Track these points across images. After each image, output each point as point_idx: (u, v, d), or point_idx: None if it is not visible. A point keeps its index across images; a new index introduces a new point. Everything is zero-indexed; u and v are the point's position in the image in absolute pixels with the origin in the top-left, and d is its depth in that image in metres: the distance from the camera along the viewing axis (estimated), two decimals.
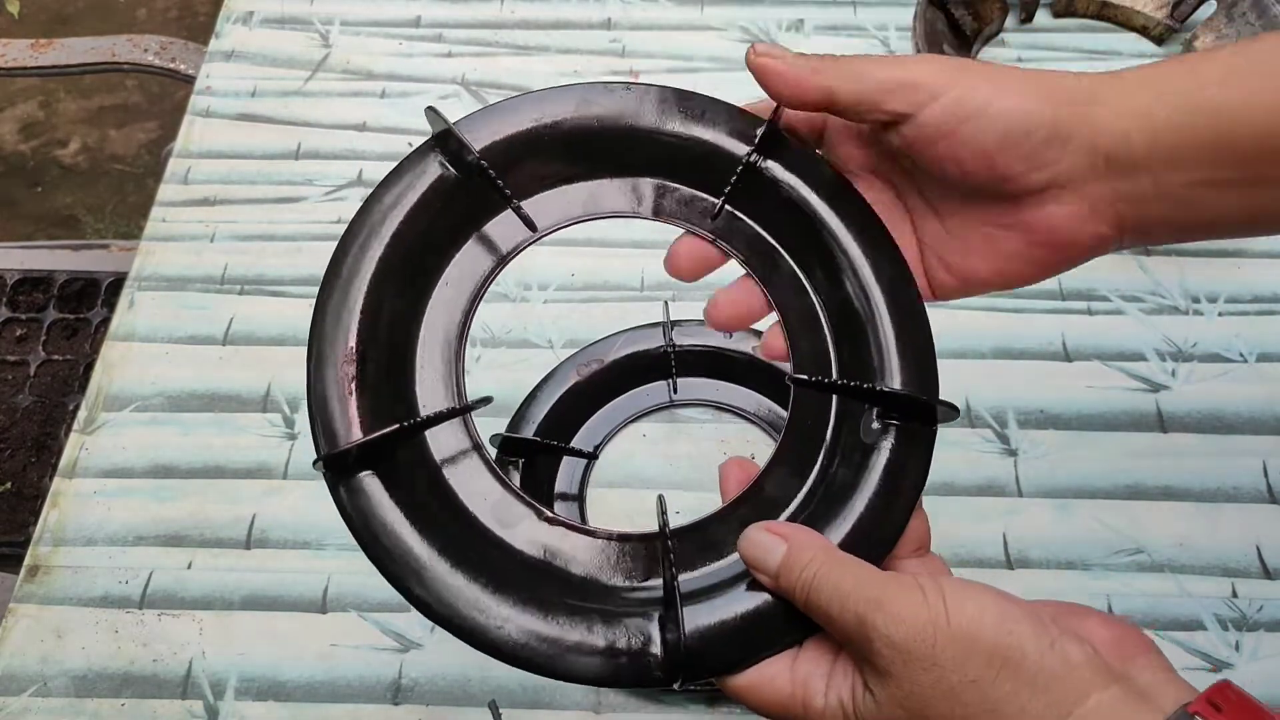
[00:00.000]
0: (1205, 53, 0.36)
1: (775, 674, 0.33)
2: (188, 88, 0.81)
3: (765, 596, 0.33)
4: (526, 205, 0.38)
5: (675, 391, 0.63)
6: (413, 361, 0.36)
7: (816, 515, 0.35)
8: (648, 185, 0.39)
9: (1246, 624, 0.55)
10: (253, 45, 0.81)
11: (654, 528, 0.35)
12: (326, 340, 0.34)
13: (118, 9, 1.88)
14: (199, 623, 0.56)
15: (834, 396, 0.38)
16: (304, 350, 0.66)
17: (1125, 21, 0.82)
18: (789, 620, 0.33)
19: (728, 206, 0.39)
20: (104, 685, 0.54)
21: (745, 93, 0.84)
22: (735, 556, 0.35)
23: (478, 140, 0.37)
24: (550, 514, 0.35)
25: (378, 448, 0.33)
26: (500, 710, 0.53)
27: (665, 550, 0.34)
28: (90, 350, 0.87)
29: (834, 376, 0.38)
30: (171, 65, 0.89)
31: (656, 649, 0.32)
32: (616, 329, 0.63)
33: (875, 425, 0.36)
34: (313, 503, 0.60)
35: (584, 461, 0.61)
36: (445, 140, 0.36)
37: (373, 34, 0.82)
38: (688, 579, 0.34)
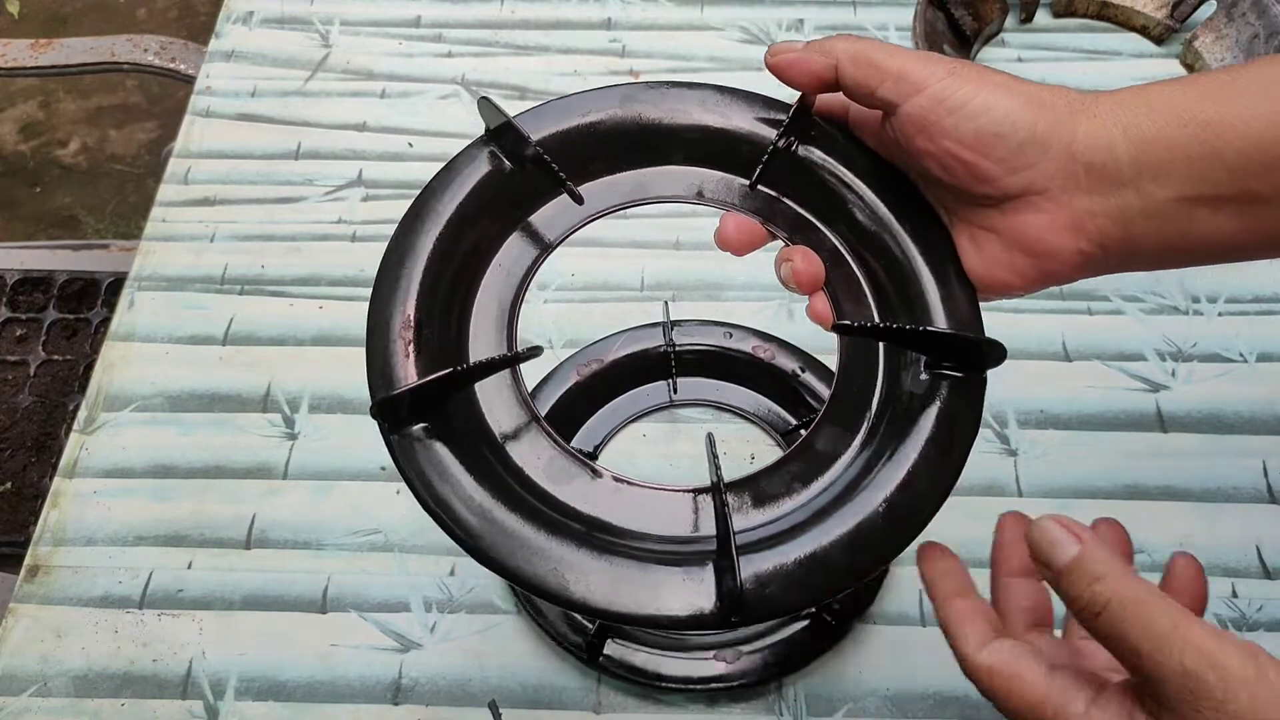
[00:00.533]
0: (1200, 74, 0.36)
1: (1027, 670, 0.32)
2: (188, 88, 0.81)
3: (820, 541, 0.33)
4: (577, 191, 0.40)
5: (675, 391, 0.63)
6: (466, 333, 0.37)
7: (868, 466, 0.36)
8: (691, 173, 0.41)
9: (1246, 624, 0.55)
10: (253, 45, 0.81)
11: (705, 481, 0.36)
12: (386, 311, 0.36)
13: (118, 9, 1.88)
14: (199, 623, 0.56)
15: (880, 350, 0.38)
16: (304, 350, 0.67)
17: (1125, 21, 0.82)
18: (847, 565, 0.33)
19: (764, 188, 0.41)
20: (104, 685, 0.54)
21: None
22: (789, 508, 0.35)
23: (532, 134, 0.39)
24: (600, 470, 0.36)
25: (430, 395, 0.34)
26: (500, 710, 0.53)
27: (719, 498, 0.34)
28: (90, 350, 0.87)
29: (876, 322, 0.39)
30: (171, 65, 0.89)
31: (711, 591, 0.32)
32: (616, 329, 0.63)
33: (924, 376, 0.37)
34: (313, 503, 0.60)
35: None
36: (501, 134, 0.39)
37: (373, 34, 0.82)
38: (742, 529, 0.35)
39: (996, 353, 0.36)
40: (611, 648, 0.53)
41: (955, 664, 0.35)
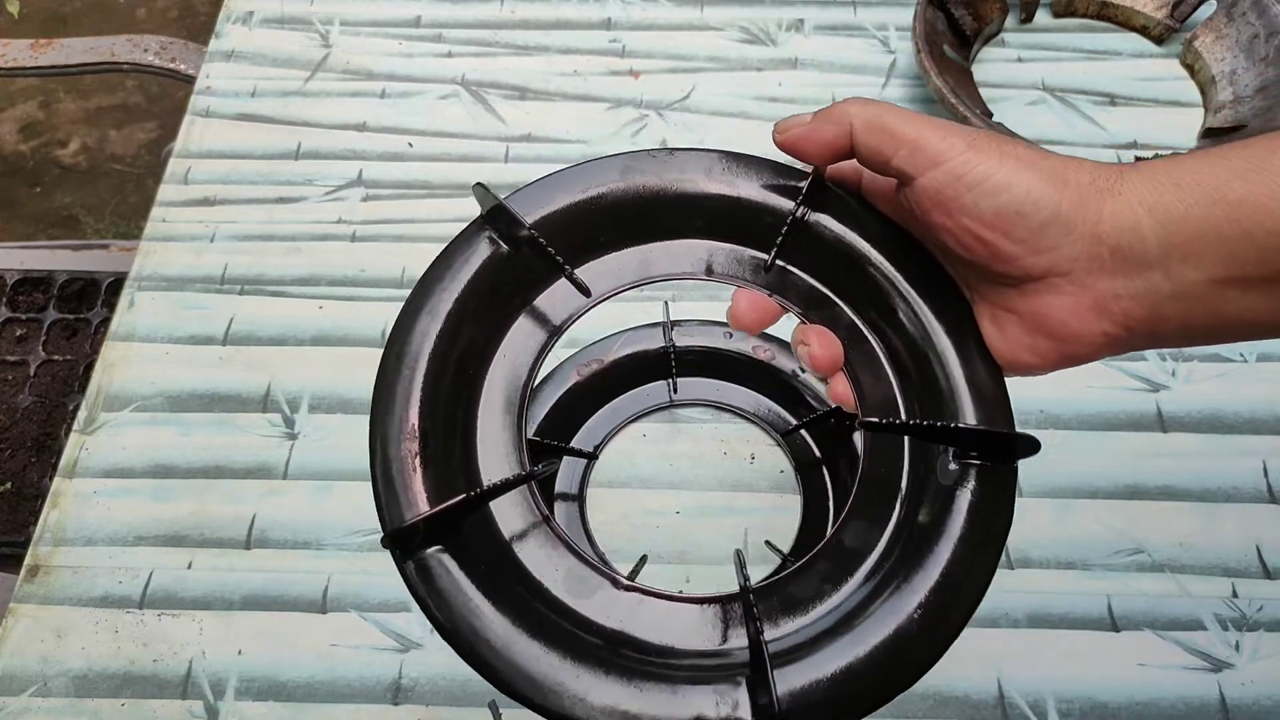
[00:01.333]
0: (1229, 146, 0.34)
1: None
2: (188, 88, 0.81)
3: (857, 652, 0.32)
4: (579, 273, 0.38)
5: (675, 391, 0.63)
6: (474, 435, 0.36)
7: (900, 564, 0.34)
8: (699, 246, 0.39)
9: (1246, 624, 0.55)
10: (253, 45, 0.81)
11: (717, 584, 0.35)
12: (389, 419, 0.34)
13: (117, 9, 1.88)
14: (199, 623, 0.56)
15: (906, 441, 0.37)
16: (304, 350, 0.67)
17: (1125, 21, 0.82)
18: (886, 676, 0.32)
19: (778, 261, 0.39)
20: (104, 685, 0.54)
21: (745, 92, 0.84)
22: (819, 613, 0.34)
23: (528, 214, 0.37)
24: (625, 581, 0.34)
25: (444, 522, 0.33)
26: (500, 710, 0.53)
27: (749, 609, 0.33)
28: (90, 350, 0.87)
29: (904, 418, 0.37)
30: (171, 65, 0.89)
31: (746, 714, 0.31)
32: (616, 329, 0.63)
33: (953, 466, 0.35)
34: (313, 503, 0.60)
35: (584, 461, 0.61)
36: (495, 216, 0.37)
37: (373, 34, 0.82)
38: (773, 638, 0.33)
39: (1027, 446, 0.34)
40: None
41: (955, 664, 0.34)
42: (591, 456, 0.61)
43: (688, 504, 0.59)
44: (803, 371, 0.61)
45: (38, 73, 0.91)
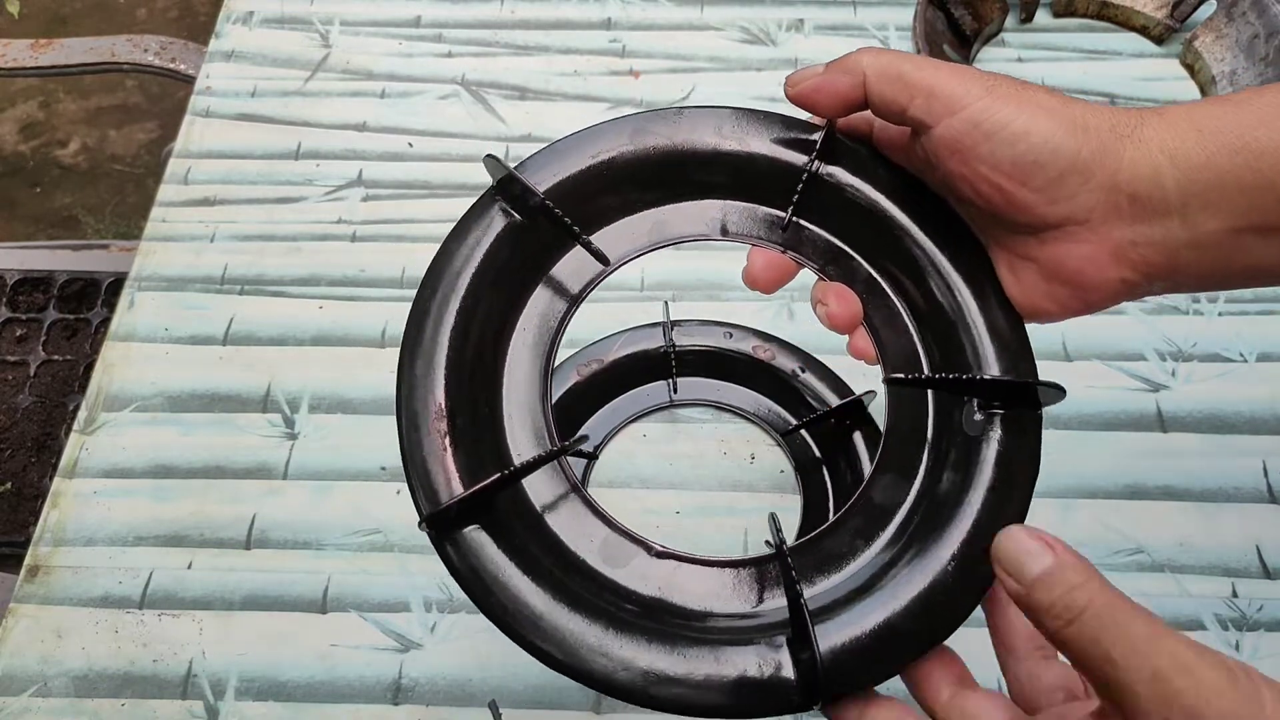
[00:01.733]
0: (1253, 91, 0.33)
1: (991, 708, 0.31)
2: (188, 88, 0.81)
3: (894, 607, 0.32)
4: (594, 239, 0.38)
5: (675, 391, 0.63)
6: (500, 411, 0.36)
7: (931, 517, 0.34)
8: (712, 206, 0.38)
9: (1246, 624, 0.55)
10: (253, 45, 0.81)
11: (744, 550, 0.35)
12: (416, 401, 0.34)
13: (118, 9, 1.88)
14: (199, 623, 0.56)
15: (929, 393, 0.37)
16: (304, 350, 0.67)
17: (1125, 21, 0.82)
18: (923, 628, 0.32)
19: (794, 218, 0.38)
20: (104, 685, 0.54)
21: (745, 92, 0.84)
22: (854, 569, 0.34)
23: (540, 183, 0.37)
24: (660, 547, 0.34)
25: (478, 500, 0.33)
26: (500, 710, 0.53)
27: (787, 570, 0.33)
28: (90, 350, 0.88)
29: (926, 372, 0.37)
30: (171, 65, 0.89)
31: (789, 672, 0.31)
32: (616, 329, 0.63)
33: (978, 416, 0.35)
34: (313, 503, 0.60)
35: (584, 461, 0.61)
36: (507, 186, 0.37)
37: (373, 34, 0.82)
38: (810, 595, 0.33)
39: (1053, 394, 0.34)
40: None
41: None
42: (591, 457, 0.61)
43: (688, 504, 0.59)
44: (803, 371, 0.61)
45: (38, 73, 0.91)
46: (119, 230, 1.61)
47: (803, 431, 0.60)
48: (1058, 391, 0.34)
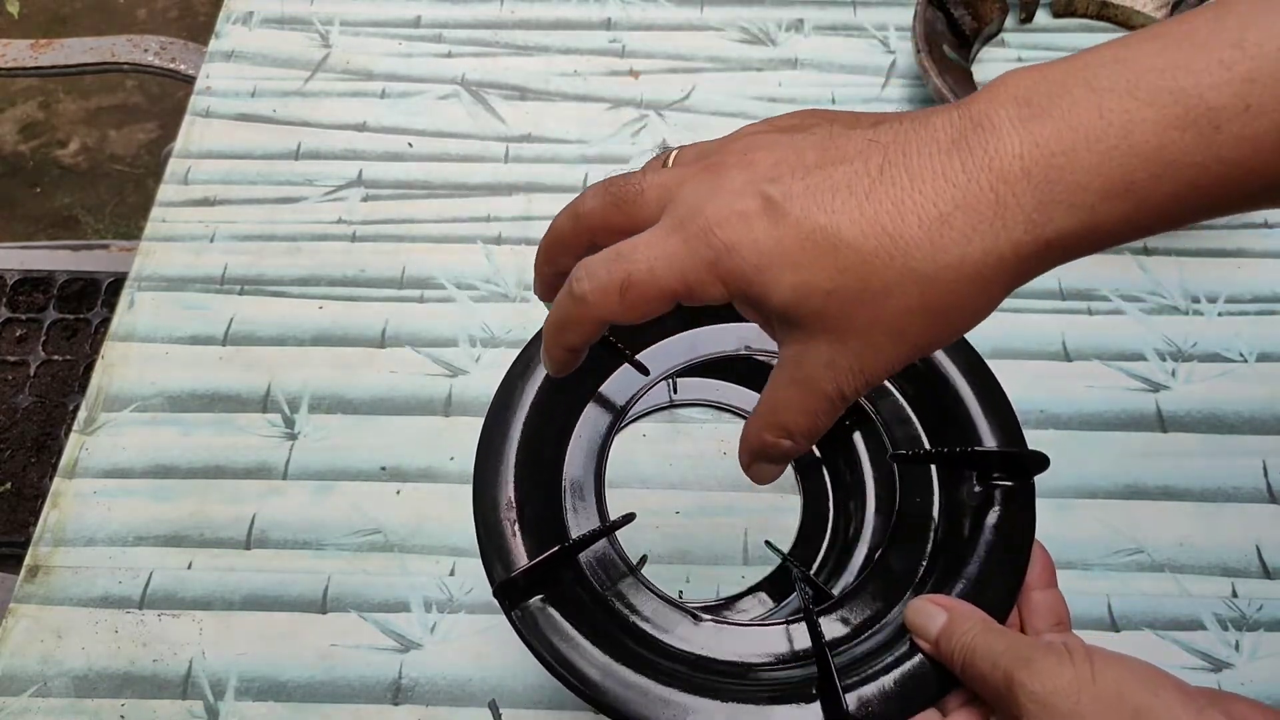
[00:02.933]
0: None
1: None
2: (188, 88, 0.81)
3: (914, 660, 0.36)
4: (639, 357, 0.44)
5: (675, 391, 0.63)
6: (562, 504, 0.42)
7: (941, 580, 0.39)
8: (736, 328, 0.46)
9: (1246, 624, 0.55)
10: (253, 45, 0.81)
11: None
12: (489, 497, 0.40)
13: (118, 9, 1.88)
14: (199, 623, 0.56)
15: (933, 469, 0.42)
16: (304, 350, 0.67)
17: (1125, 22, 0.82)
18: (938, 674, 0.36)
19: None
20: (104, 685, 0.54)
21: (745, 92, 0.84)
22: (876, 628, 0.38)
23: None
24: (702, 614, 0.39)
25: (543, 573, 0.38)
26: (500, 710, 0.53)
27: (815, 633, 0.37)
28: (90, 350, 0.88)
29: (927, 448, 0.43)
30: (171, 65, 0.89)
31: (818, 713, 0.35)
32: None
33: (977, 489, 0.40)
34: (313, 503, 0.60)
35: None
36: None
37: (373, 34, 0.82)
38: (835, 652, 0.38)
39: (1038, 463, 0.40)
40: None
41: None
42: None
43: (687, 504, 0.59)
44: None
45: (38, 73, 0.91)
46: (119, 230, 1.61)
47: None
48: (1043, 461, 0.40)
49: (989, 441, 0.41)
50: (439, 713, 0.53)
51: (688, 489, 0.60)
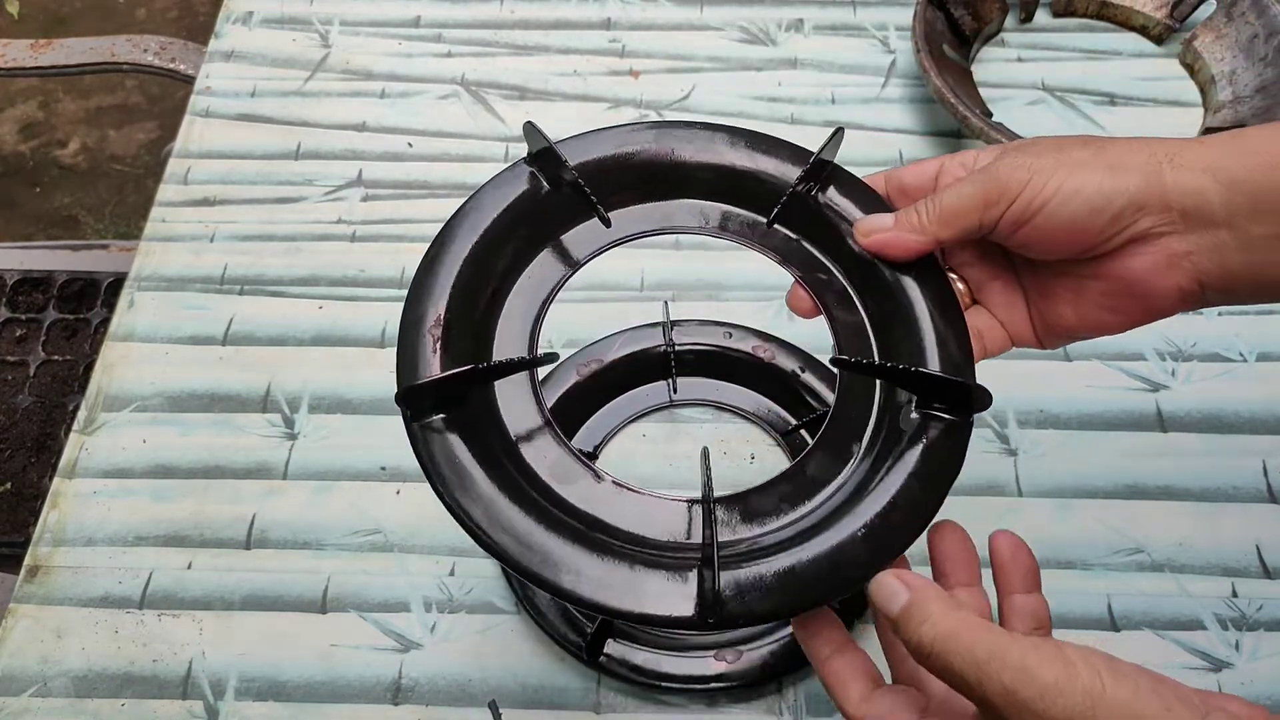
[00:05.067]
0: None
1: (896, 715, 0.33)
2: (188, 88, 0.81)
3: (800, 557, 0.35)
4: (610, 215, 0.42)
5: (675, 391, 0.63)
6: (491, 336, 0.40)
7: (855, 491, 0.38)
8: (713, 208, 0.43)
9: (1246, 624, 0.55)
10: (252, 45, 0.81)
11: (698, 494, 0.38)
12: (418, 309, 0.38)
13: (117, 9, 1.88)
14: (199, 623, 0.56)
15: (877, 386, 0.41)
16: (303, 350, 0.67)
17: (1125, 21, 0.82)
18: (822, 581, 0.35)
19: (782, 228, 0.43)
20: (104, 685, 0.54)
21: (745, 92, 0.84)
22: (774, 525, 0.38)
23: (570, 159, 0.41)
24: (604, 474, 0.38)
25: (452, 391, 0.36)
26: (500, 710, 0.53)
27: (708, 511, 0.37)
28: (90, 350, 0.87)
29: (875, 359, 0.41)
30: (171, 65, 0.89)
31: (692, 591, 0.34)
32: (616, 329, 0.63)
33: (915, 415, 0.39)
34: (313, 503, 0.60)
35: None
36: (542, 156, 0.41)
37: (372, 34, 0.82)
38: (728, 541, 0.37)
39: (982, 399, 0.38)
40: (611, 647, 0.53)
41: None
42: (591, 456, 0.61)
43: None
44: (803, 371, 0.61)
45: (38, 73, 0.91)
46: (119, 230, 1.61)
47: (803, 431, 0.60)
48: (985, 397, 0.38)
49: (935, 366, 0.40)
50: (439, 713, 0.53)
51: (687, 489, 0.60)
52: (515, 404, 0.39)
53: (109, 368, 0.65)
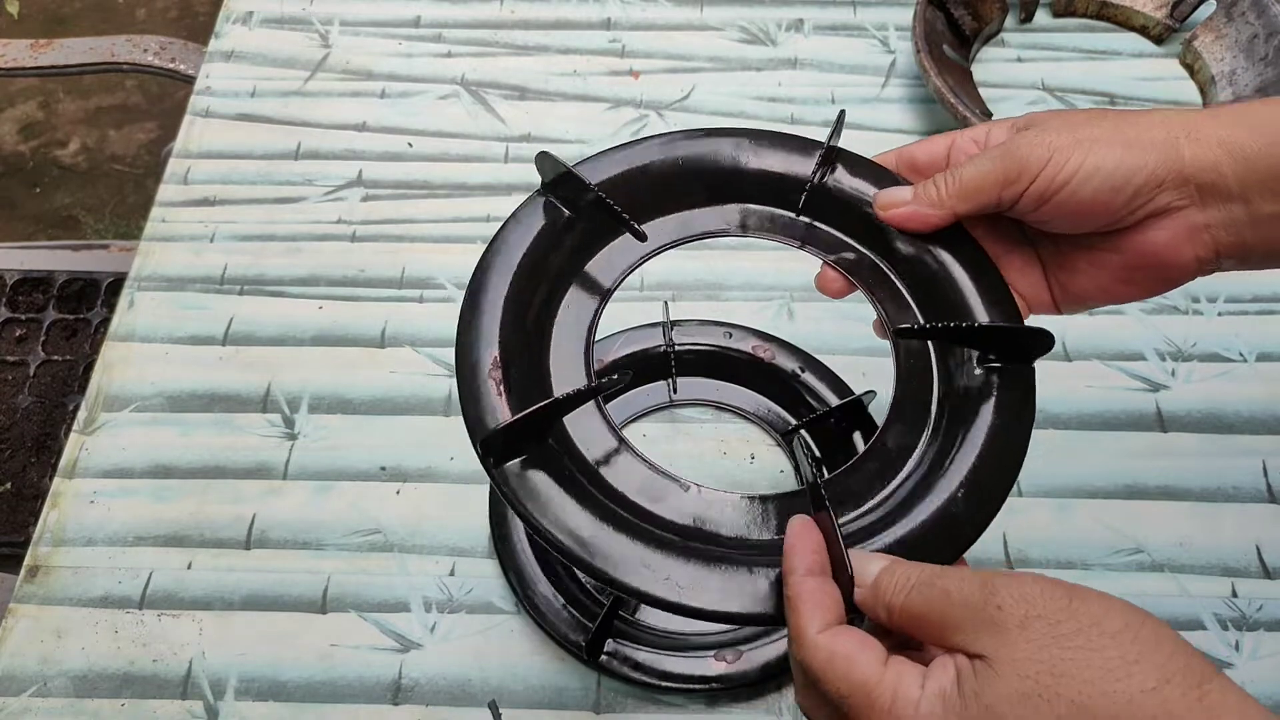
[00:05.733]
0: None
1: (868, 656, 0.32)
2: (188, 88, 0.81)
3: (910, 527, 0.36)
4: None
5: (675, 391, 0.63)
6: (548, 371, 0.40)
7: (941, 455, 0.38)
8: (733, 210, 0.44)
9: (1246, 624, 0.55)
10: (252, 45, 0.81)
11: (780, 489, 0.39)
12: (473, 355, 0.39)
13: (117, 9, 1.88)
14: (199, 623, 0.56)
15: (932, 350, 0.41)
16: (304, 350, 0.67)
17: (1125, 21, 0.82)
18: (937, 545, 0.36)
19: (805, 218, 0.44)
20: (104, 685, 0.54)
21: (745, 92, 0.84)
22: (873, 503, 0.38)
23: (590, 179, 0.42)
24: (691, 483, 0.38)
25: (526, 431, 0.36)
26: (500, 710, 0.53)
27: (817, 496, 0.36)
28: (90, 350, 0.87)
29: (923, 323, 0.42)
30: (171, 65, 0.89)
31: None
32: (616, 329, 0.63)
33: (978, 371, 0.40)
34: (313, 503, 0.60)
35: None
36: (559, 183, 0.42)
37: (372, 34, 0.82)
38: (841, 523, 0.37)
39: (1043, 342, 0.39)
40: (612, 647, 0.53)
41: None
42: None
43: None
44: (803, 371, 0.61)
45: (38, 73, 0.91)
46: (119, 230, 1.61)
47: (803, 431, 0.60)
48: (1047, 338, 0.38)
49: (986, 320, 0.40)
50: (439, 713, 0.53)
51: None
52: (585, 430, 0.39)
53: (109, 368, 0.65)
